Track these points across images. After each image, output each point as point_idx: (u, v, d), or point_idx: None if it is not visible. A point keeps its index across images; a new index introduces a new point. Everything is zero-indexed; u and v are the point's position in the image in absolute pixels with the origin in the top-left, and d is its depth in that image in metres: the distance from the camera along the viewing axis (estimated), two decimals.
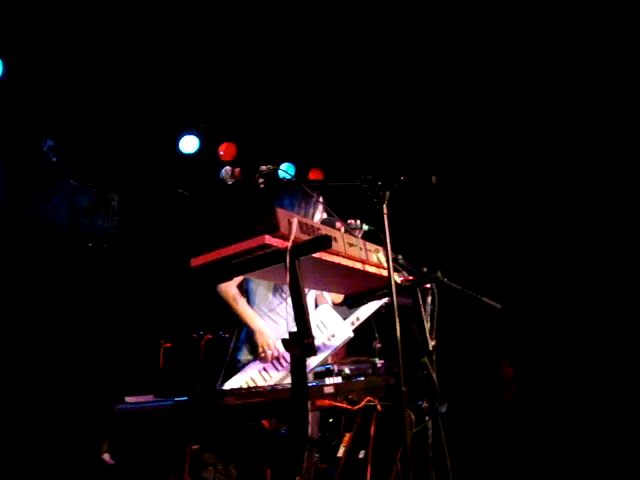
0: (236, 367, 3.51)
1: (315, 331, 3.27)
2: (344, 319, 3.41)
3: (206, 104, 6.22)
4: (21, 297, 5.38)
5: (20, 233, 5.52)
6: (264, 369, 3.29)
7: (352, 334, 3.36)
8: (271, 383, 3.22)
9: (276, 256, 2.03)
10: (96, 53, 5.33)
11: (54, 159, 5.74)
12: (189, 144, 6.26)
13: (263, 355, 3.35)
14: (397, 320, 2.32)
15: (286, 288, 2.05)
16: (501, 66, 5.68)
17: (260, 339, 3.40)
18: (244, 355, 3.54)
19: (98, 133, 5.86)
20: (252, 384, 3.19)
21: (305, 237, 2.09)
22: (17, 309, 5.32)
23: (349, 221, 3.26)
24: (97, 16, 5.07)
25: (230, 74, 5.90)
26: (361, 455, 2.96)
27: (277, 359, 3.33)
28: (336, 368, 2.89)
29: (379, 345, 3.56)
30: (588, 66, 5.51)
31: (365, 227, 3.29)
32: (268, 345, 3.35)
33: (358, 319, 3.46)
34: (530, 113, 6.01)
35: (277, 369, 3.27)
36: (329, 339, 3.34)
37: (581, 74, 5.60)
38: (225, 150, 6.31)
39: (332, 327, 3.36)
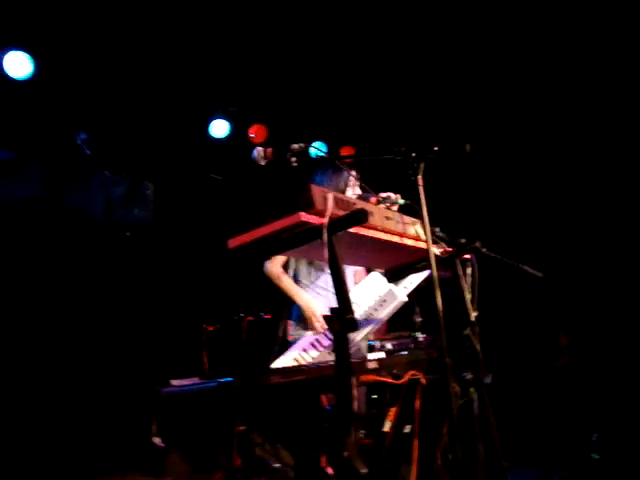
0: (290, 343, 3.54)
1: (365, 299, 3.21)
2: (396, 285, 3.33)
3: (235, 87, 6.21)
4: (64, 288, 5.50)
5: (58, 226, 5.63)
6: (316, 340, 3.28)
7: (406, 299, 3.18)
8: (324, 352, 3.20)
9: (313, 233, 2.01)
10: (124, 43, 5.36)
11: (88, 152, 5.82)
12: (220, 128, 6.26)
13: (313, 327, 3.40)
14: (438, 292, 2.30)
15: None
16: (535, 30, 5.52)
17: (307, 312, 3.47)
18: (295, 332, 3.59)
19: (129, 123, 5.91)
20: (305, 355, 3.17)
21: (341, 212, 2.06)
22: (62, 299, 5.44)
23: (384, 194, 3.21)
24: (125, 7, 5.09)
25: (257, 55, 5.87)
26: (407, 430, 2.95)
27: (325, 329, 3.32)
28: (378, 344, 2.87)
29: (420, 319, 3.52)
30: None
31: (401, 201, 3.23)
32: (316, 316, 3.41)
33: (411, 283, 3.39)
34: (572, 77, 5.82)
35: (329, 338, 3.25)
36: (381, 304, 3.27)
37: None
38: (256, 132, 6.30)
39: (382, 293, 3.28)
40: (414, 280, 3.34)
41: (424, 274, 3.29)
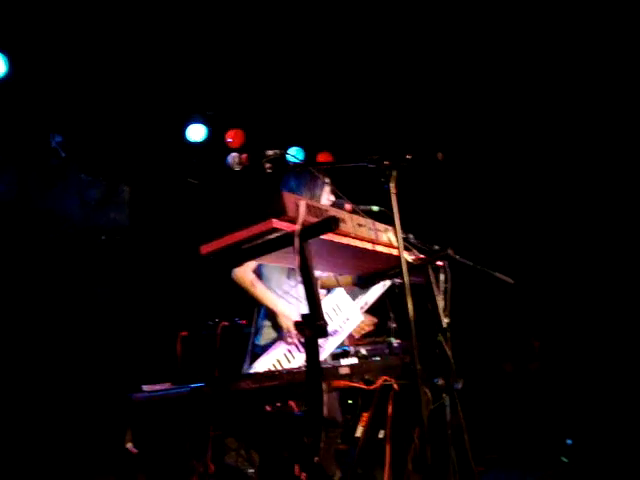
0: (255, 352, 3.51)
1: (331, 314, 3.28)
2: (355, 303, 3.44)
3: (212, 91, 6.21)
4: (37, 292, 5.44)
5: (33, 229, 5.57)
6: (288, 351, 3.29)
7: (362, 317, 3.41)
8: (297, 363, 3.23)
9: (285, 239, 2.03)
10: (100, 46, 5.33)
11: (63, 154, 5.77)
12: (196, 132, 6.26)
13: (287, 337, 3.33)
14: (409, 299, 2.32)
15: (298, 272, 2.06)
16: (508, 38, 5.59)
17: (284, 321, 3.37)
18: (262, 339, 3.53)
19: (105, 126, 5.88)
20: (278, 366, 3.20)
21: (313, 219, 2.08)
22: (34, 303, 5.38)
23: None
24: (101, 8, 5.07)
25: (235, 60, 5.88)
26: (380, 435, 2.97)
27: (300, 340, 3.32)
28: (352, 349, 2.90)
29: (394, 325, 3.56)
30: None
31: (375, 208, 3.27)
32: (291, 326, 3.31)
33: (367, 303, 3.48)
34: (543, 86, 5.90)
35: (299, 350, 3.28)
36: (345, 322, 3.36)
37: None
38: (233, 137, 6.30)
39: (347, 311, 3.37)
40: (369, 299, 3.44)
41: (380, 291, 3.40)
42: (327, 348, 3.15)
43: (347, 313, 3.35)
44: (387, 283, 3.46)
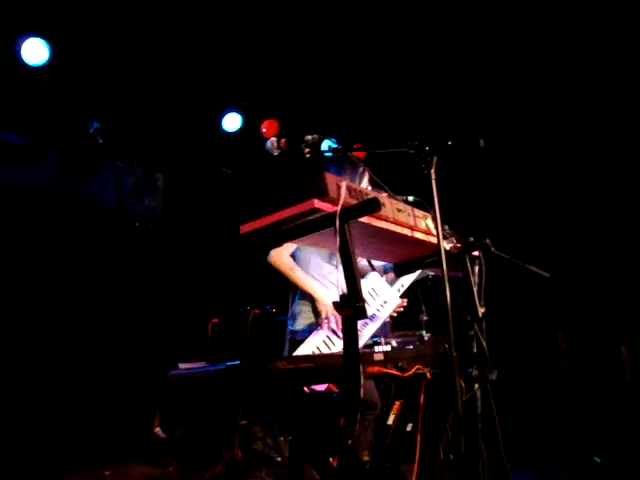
0: (292, 338, 3.52)
1: (368, 299, 3.25)
2: (391, 286, 3.41)
3: (248, 82, 6.23)
4: (73, 276, 5.53)
5: (70, 214, 5.67)
6: (327, 337, 3.28)
7: (400, 300, 3.37)
8: (337, 349, 3.20)
9: (326, 220, 2.02)
10: (138, 35, 5.39)
11: (100, 141, 5.86)
12: (232, 122, 6.29)
13: (324, 323, 3.30)
14: (447, 285, 2.30)
15: (338, 256, 2.05)
16: (548, 27, 5.48)
17: (324, 306, 3.36)
18: (297, 324, 3.53)
19: (142, 114, 5.94)
20: (318, 353, 3.18)
21: (354, 201, 2.07)
22: (71, 287, 5.48)
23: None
24: None
25: (271, 51, 5.89)
26: (408, 428, 2.96)
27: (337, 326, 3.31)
28: (383, 340, 2.89)
29: (426, 318, 3.54)
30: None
31: (410, 198, 3.25)
32: (329, 312, 3.30)
33: (403, 285, 3.45)
34: (587, 74, 5.77)
35: (339, 336, 3.27)
36: (382, 306, 3.33)
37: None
38: (268, 127, 6.33)
39: (383, 294, 3.34)
40: (405, 282, 3.41)
41: (416, 274, 3.37)
42: (365, 334, 3.12)
43: (384, 296, 3.32)
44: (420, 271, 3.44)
